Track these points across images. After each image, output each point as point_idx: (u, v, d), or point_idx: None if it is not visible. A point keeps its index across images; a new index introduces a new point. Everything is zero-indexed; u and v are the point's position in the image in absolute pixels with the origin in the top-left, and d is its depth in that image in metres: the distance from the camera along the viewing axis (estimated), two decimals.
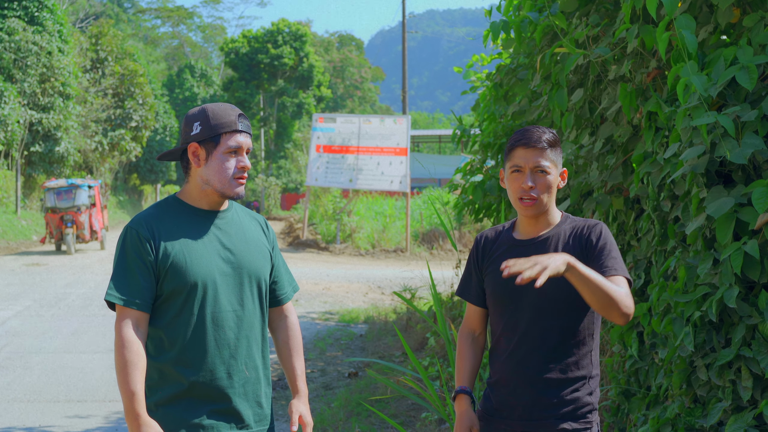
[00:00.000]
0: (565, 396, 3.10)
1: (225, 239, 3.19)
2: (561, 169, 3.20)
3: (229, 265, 3.16)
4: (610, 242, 3.10)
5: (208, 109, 3.17)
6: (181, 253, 3.08)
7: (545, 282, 2.98)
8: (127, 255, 3.07)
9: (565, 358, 3.10)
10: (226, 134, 3.12)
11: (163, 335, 3.09)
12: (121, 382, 2.97)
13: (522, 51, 6.70)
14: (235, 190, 3.14)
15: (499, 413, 3.21)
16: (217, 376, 3.12)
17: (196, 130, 3.14)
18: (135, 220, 3.13)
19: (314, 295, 15.69)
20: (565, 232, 3.16)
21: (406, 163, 25.79)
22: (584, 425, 3.10)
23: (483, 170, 8.29)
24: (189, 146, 3.16)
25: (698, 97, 3.89)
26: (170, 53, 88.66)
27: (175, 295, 3.08)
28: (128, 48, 45.52)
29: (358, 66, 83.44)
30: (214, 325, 3.11)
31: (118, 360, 2.98)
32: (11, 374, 9.06)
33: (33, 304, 13.82)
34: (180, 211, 3.18)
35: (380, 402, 7.68)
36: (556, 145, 3.16)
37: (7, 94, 30.66)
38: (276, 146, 62.35)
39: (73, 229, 24.49)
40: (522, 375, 3.15)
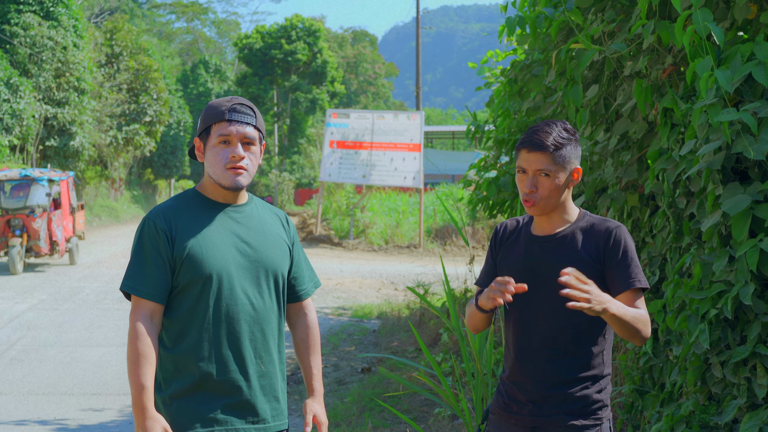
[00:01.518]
0: (575, 393, 3.10)
1: (242, 232, 3.19)
2: (573, 167, 3.15)
3: (245, 258, 3.16)
4: (631, 248, 3.09)
5: (209, 103, 3.21)
6: (197, 245, 3.08)
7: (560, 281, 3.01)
8: (143, 246, 3.08)
9: (576, 356, 3.10)
10: (215, 125, 3.12)
11: (178, 327, 3.09)
12: (132, 374, 2.97)
13: (537, 47, 6.68)
14: (231, 180, 3.12)
15: (510, 408, 3.21)
16: (230, 369, 3.11)
17: (198, 124, 3.20)
18: (153, 212, 3.14)
19: (327, 290, 15.71)
20: (581, 231, 3.14)
21: (419, 159, 25.78)
22: (594, 422, 3.10)
23: (497, 166, 8.29)
24: (194, 141, 3.22)
25: (715, 93, 3.88)
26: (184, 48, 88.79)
27: (191, 287, 3.08)
28: (143, 43, 45.56)
29: (372, 62, 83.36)
30: (229, 317, 3.11)
31: (130, 351, 2.99)
32: (26, 367, 9.10)
33: (48, 298, 13.88)
34: (198, 203, 3.19)
35: (393, 397, 7.68)
36: (564, 146, 3.11)
37: (23, 88, 30.76)
38: (289, 142, 62.38)
39: (22, 239, 17.98)
40: (533, 372, 3.15)
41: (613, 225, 3.13)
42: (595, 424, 3.10)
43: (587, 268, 3.07)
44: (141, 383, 2.96)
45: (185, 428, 3.04)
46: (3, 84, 30.15)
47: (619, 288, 3.06)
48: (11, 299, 13.62)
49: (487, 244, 23.18)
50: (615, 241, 3.09)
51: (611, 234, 3.10)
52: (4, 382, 8.45)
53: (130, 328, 3.02)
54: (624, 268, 3.06)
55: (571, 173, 3.15)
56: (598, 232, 3.12)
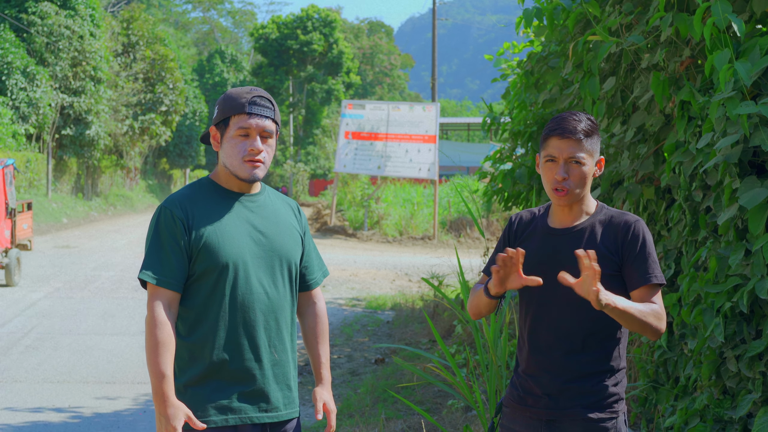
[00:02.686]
0: (591, 386, 3.09)
1: (257, 221, 3.20)
2: (597, 157, 3.15)
3: (260, 247, 3.17)
4: (649, 243, 3.08)
5: (227, 92, 3.21)
6: (213, 234, 3.09)
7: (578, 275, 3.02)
8: (160, 234, 3.09)
9: (592, 350, 3.09)
10: (235, 117, 3.13)
11: (193, 315, 3.10)
12: (152, 362, 2.98)
13: (554, 39, 6.66)
14: (248, 173, 3.13)
15: (525, 401, 3.20)
16: (245, 357, 3.12)
17: (215, 113, 3.19)
18: (169, 200, 3.14)
19: (341, 281, 15.73)
20: (600, 224, 3.13)
21: (434, 151, 25.76)
22: (610, 415, 3.10)
23: (513, 158, 8.27)
24: (210, 129, 3.22)
25: (733, 86, 3.86)
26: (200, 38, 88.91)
27: (207, 276, 3.09)
28: (159, 33, 45.67)
29: (388, 53, 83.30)
30: (244, 306, 3.12)
31: (149, 339, 3.00)
32: (41, 355, 9.15)
33: (63, 286, 13.95)
34: (213, 192, 3.19)
35: (406, 389, 7.69)
36: (592, 134, 3.11)
37: (39, 77, 30.89)
38: (305, 132, 62.43)
39: None
40: (549, 365, 3.14)
41: (633, 219, 3.11)
42: (611, 417, 3.10)
43: (605, 262, 3.06)
44: (161, 371, 2.98)
45: (199, 416, 3.06)
46: (20, 72, 30.27)
47: (636, 283, 3.05)
48: (26, 287, 13.69)
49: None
50: (633, 235, 3.08)
51: (630, 228, 3.09)
52: (19, 370, 8.50)
53: (149, 317, 3.02)
54: (641, 263, 3.05)
55: (596, 163, 3.15)
56: (617, 225, 3.11)
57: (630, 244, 3.07)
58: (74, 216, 30.73)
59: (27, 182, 29.97)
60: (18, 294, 12.94)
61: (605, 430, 3.09)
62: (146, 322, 3.03)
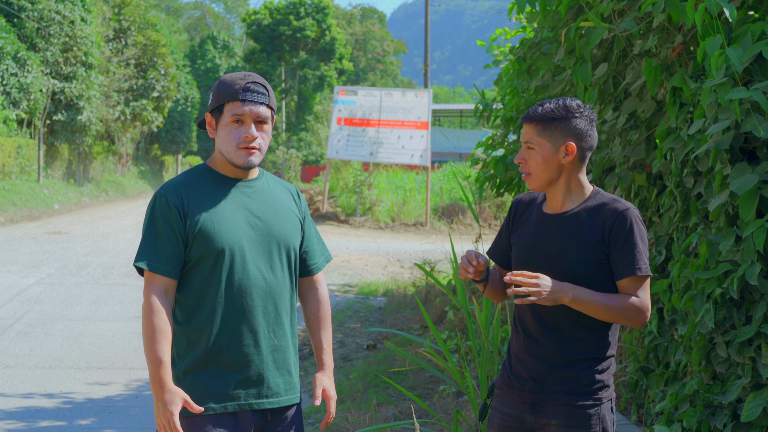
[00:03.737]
0: (575, 373, 3.10)
1: (254, 207, 3.19)
2: (564, 142, 3.10)
3: (257, 232, 3.16)
4: (637, 232, 3.05)
5: (221, 78, 3.19)
6: (209, 220, 3.09)
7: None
8: (156, 221, 3.09)
9: (579, 337, 3.10)
10: (229, 103, 3.11)
11: (191, 302, 3.10)
12: (149, 348, 2.98)
13: (546, 25, 6.65)
14: (243, 160, 3.13)
15: (512, 383, 3.23)
16: (244, 343, 3.12)
17: (210, 99, 3.19)
18: (165, 187, 3.14)
19: (333, 267, 15.73)
20: (589, 211, 3.11)
21: (427, 137, 25.73)
22: (594, 402, 3.10)
23: (505, 144, 8.27)
24: (206, 116, 3.21)
25: (725, 72, 3.86)
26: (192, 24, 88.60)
27: (203, 261, 3.08)
28: (151, 18, 45.49)
29: (380, 39, 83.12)
30: (242, 291, 3.11)
31: (146, 326, 3.00)
32: (33, 341, 9.14)
33: (54, 272, 13.93)
34: (209, 178, 3.19)
35: (398, 374, 7.71)
36: (555, 120, 3.08)
37: (30, 62, 30.75)
38: (297, 118, 62.35)
39: None
40: (535, 349, 3.17)
41: (622, 207, 3.08)
42: (594, 404, 3.10)
43: (591, 250, 3.06)
44: (158, 358, 2.98)
45: (198, 404, 3.05)
46: (11, 58, 30.13)
47: (620, 273, 3.05)
48: (18, 273, 13.68)
49: (493, 222, 23.17)
50: (620, 224, 3.05)
51: (617, 216, 3.06)
52: (10, 356, 8.49)
53: (145, 304, 3.03)
54: (626, 254, 3.03)
55: (561, 149, 3.11)
56: (606, 213, 3.08)
57: (616, 234, 3.04)
58: (66, 202, 30.66)
59: (18, 168, 29.88)
60: (10, 280, 12.92)
61: (588, 417, 3.09)
62: (143, 309, 3.04)
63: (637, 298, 3.03)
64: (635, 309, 3.02)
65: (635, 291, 3.03)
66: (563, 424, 3.11)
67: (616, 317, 3.01)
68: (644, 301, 3.04)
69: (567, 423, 3.11)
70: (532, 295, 2.94)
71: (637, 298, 3.03)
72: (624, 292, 3.05)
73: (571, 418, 3.10)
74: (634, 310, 3.02)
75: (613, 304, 3.00)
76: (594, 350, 3.10)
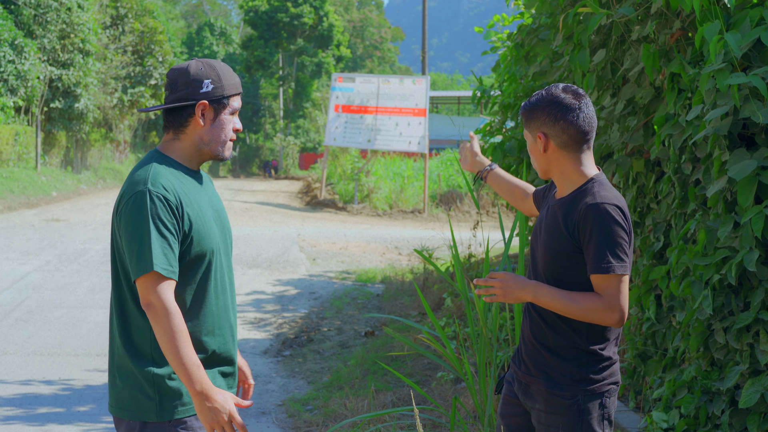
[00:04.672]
0: (554, 361, 3.12)
1: (212, 201, 3.13)
2: (537, 133, 3.12)
3: (219, 227, 3.12)
4: (602, 229, 2.97)
5: (216, 66, 3.06)
6: (198, 219, 3.00)
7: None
8: (157, 221, 2.90)
9: (555, 326, 3.12)
10: (234, 97, 3.08)
11: (181, 303, 2.98)
12: (181, 352, 2.84)
13: (544, 11, 6.64)
14: (230, 152, 3.13)
15: (515, 361, 3.32)
16: (227, 340, 3.10)
17: (206, 87, 3.02)
18: (155, 183, 2.94)
19: (331, 254, 15.73)
20: (568, 202, 3.10)
21: (424, 124, 25.70)
22: (572, 393, 3.09)
23: (502, 131, 8.26)
24: (198, 104, 3.03)
25: (724, 58, 3.85)
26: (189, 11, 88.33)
27: (194, 262, 2.99)
28: (148, 5, 45.32)
29: (378, 26, 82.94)
30: (223, 289, 3.09)
31: (168, 330, 2.83)
32: (31, 328, 9.15)
33: (53, 259, 13.92)
34: (180, 171, 3.04)
35: (396, 360, 7.72)
36: (533, 110, 3.12)
37: (27, 50, 30.65)
38: (294, 106, 62.24)
39: None
40: (524, 331, 3.25)
41: (590, 201, 3.02)
42: (573, 395, 3.08)
43: (563, 241, 3.06)
44: (195, 360, 2.85)
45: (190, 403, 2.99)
46: (8, 45, 30.04)
47: (588, 270, 3.02)
48: (16, 260, 13.67)
49: (491, 209, 23.20)
50: (586, 218, 3.00)
51: (585, 210, 3.01)
52: (9, 343, 8.50)
53: (160, 307, 2.84)
54: (590, 251, 3.00)
55: (538, 140, 3.12)
56: (577, 206, 3.05)
57: (582, 230, 3.01)
58: (64, 189, 30.61)
59: (16, 155, 29.83)
60: (8, 267, 12.92)
61: (566, 406, 3.09)
62: (157, 314, 2.85)
63: (601, 297, 2.98)
64: (599, 310, 2.98)
65: (601, 290, 2.99)
66: (543, 410, 3.15)
67: (583, 317, 3.00)
68: (610, 301, 2.97)
69: (546, 409, 3.14)
70: (496, 295, 3.10)
71: (600, 297, 2.98)
72: (595, 289, 3.01)
73: (550, 404, 3.12)
74: (599, 311, 2.98)
75: (574, 305, 2.99)
76: (573, 340, 3.09)
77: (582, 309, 2.98)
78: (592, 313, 2.98)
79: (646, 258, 5.28)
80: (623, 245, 2.97)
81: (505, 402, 3.34)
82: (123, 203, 2.95)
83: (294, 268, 13.97)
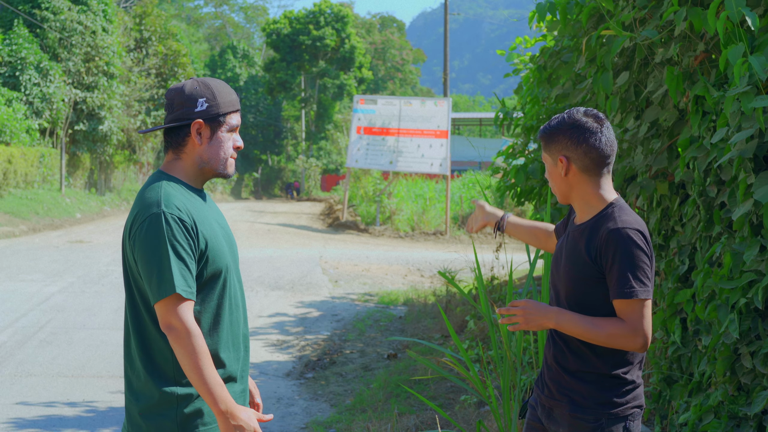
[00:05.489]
0: (577, 385, 3.11)
1: (218, 219, 3.15)
2: (558, 157, 3.13)
3: (228, 245, 3.13)
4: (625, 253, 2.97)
5: (210, 85, 3.07)
6: (212, 237, 3.01)
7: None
8: (174, 243, 2.90)
9: (578, 351, 3.12)
10: (231, 114, 3.07)
11: (200, 322, 2.99)
12: (204, 373, 2.85)
13: (567, 33, 6.64)
14: (232, 169, 3.13)
15: (538, 383, 3.32)
16: (241, 356, 3.11)
17: (201, 106, 3.03)
18: (169, 205, 2.95)
19: (354, 276, 15.73)
20: (590, 228, 3.10)
21: (446, 146, 25.71)
22: (596, 417, 3.07)
23: (525, 153, 8.25)
24: (193, 123, 3.03)
25: (748, 81, 3.84)
26: (213, 34, 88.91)
27: (211, 280, 3.01)
28: (171, 28, 45.70)
29: (400, 48, 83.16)
30: (234, 304, 3.10)
31: (190, 351, 2.85)
32: (55, 349, 9.19)
33: (77, 281, 13.99)
34: (186, 191, 3.06)
35: (419, 384, 7.69)
36: (554, 134, 3.12)
37: (53, 72, 30.98)
38: (317, 127, 62.45)
39: None
40: (550, 355, 3.23)
41: (612, 226, 3.02)
42: (596, 420, 3.07)
43: (586, 267, 3.06)
44: (217, 380, 2.86)
45: (209, 422, 3.00)
46: (33, 68, 30.38)
47: (611, 295, 3.02)
48: (41, 282, 13.75)
49: None
50: (607, 245, 3.01)
51: (608, 235, 3.01)
52: (33, 364, 8.54)
53: (181, 328, 2.86)
54: (613, 276, 2.99)
55: (558, 163, 3.13)
56: (599, 232, 3.05)
57: (605, 255, 3.01)
58: (87, 211, 30.80)
59: (41, 177, 30.07)
60: (33, 288, 12.99)
61: (589, 431, 3.08)
62: (180, 336, 2.85)
63: (624, 323, 2.98)
64: (623, 335, 2.97)
65: (624, 315, 2.99)
66: None
67: (607, 343, 3.00)
68: (633, 325, 2.97)
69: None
70: (519, 323, 3.09)
71: (623, 323, 2.98)
72: (618, 314, 3.01)
73: (574, 428, 3.11)
74: (622, 336, 2.97)
75: (598, 331, 2.99)
76: (593, 365, 3.09)
77: (605, 335, 2.98)
78: (615, 338, 2.97)
79: (671, 281, 5.25)
80: (645, 270, 2.97)
81: (529, 427, 3.33)
82: (137, 226, 2.95)
83: (316, 290, 13.98)
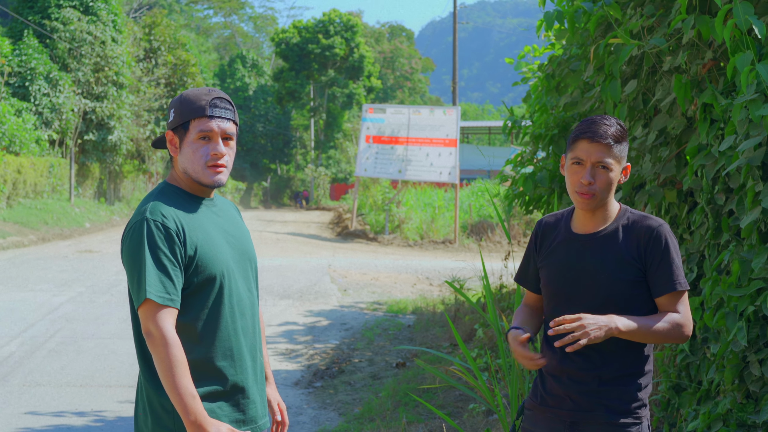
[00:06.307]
0: (613, 391, 3.08)
1: (227, 226, 3.13)
2: (624, 164, 3.13)
3: (235, 251, 3.10)
4: (672, 248, 3.07)
5: (183, 94, 3.07)
6: (205, 243, 2.99)
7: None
8: (156, 249, 2.92)
9: (614, 355, 3.08)
10: (195, 120, 3.01)
11: (192, 330, 2.98)
12: (176, 383, 2.83)
13: (575, 42, 6.65)
14: (211, 179, 3.04)
15: (547, 402, 3.20)
16: (245, 366, 3.06)
17: (171, 117, 3.06)
18: (154, 212, 2.97)
19: (362, 285, 15.73)
20: (623, 229, 3.11)
21: (455, 155, 25.73)
22: (634, 420, 3.08)
23: (534, 162, 8.25)
24: (167, 134, 3.08)
25: (756, 88, 3.84)
26: (222, 43, 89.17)
27: (204, 287, 2.98)
28: (181, 38, 45.84)
29: (409, 57, 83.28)
30: (238, 313, 3.06)
31: (165, 360, 2.84)
32: (64, 359, 9.20)
33: (86, 291, 14.03)
34: (184, 198, 3.07)
35: (428, 392, 7.68)
36: (622, 140, 3.08)
37: (62, 83, 31.11)
38: (326, 136, 62.55)
39: None
40: (574, 368, 3.13)
41: (655, 223, 3.08)
42: (635, 423, 3.08)
43: (628, 269, 3.05)
44: (191, 391, 2.83)
45: None
46: (43, 78, 30.51)
47: (660, 290, 3.04)
48: (49, 291, 13.78)
49: (522, 239, 23.07)
50: (656, 240, 3.05)
51: (652, 233, 3.06)
52: (42, 374, 8.55)
53: (158, 336, 2.85)
54: (664, 270, 3.04)
55: (623, 170, 3.13)
56: (640, 230, 3.08)
57: (652, 251, 3.05)
58: (97, 221, 30.87)
59: (50, 187, 30.17)
60: (42, 298, 13.03)
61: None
62: (155, 342, 2.85)
63: (678, 314, 3.03)
64: (679, 326, 3.03)
65: (675, 306, 3.04)
66: None
67: (663, 338, 3.02)
68: (686, 315, 3.04)
69: None
70: (581, 338, 2.92)
71: (678, 314, 3.03)
72: (664, 308, 3.05)
73: None
74: (678, 327, 3.03)
75: (659, 326, 3.00)
76: (630, 367, 3.09)
77: (666, 329, 3.01)
78: (673, 331, 3.02)
79: None
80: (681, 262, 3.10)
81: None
82: (124, 234, 3.02)
83: (325, 299, 13.98)
